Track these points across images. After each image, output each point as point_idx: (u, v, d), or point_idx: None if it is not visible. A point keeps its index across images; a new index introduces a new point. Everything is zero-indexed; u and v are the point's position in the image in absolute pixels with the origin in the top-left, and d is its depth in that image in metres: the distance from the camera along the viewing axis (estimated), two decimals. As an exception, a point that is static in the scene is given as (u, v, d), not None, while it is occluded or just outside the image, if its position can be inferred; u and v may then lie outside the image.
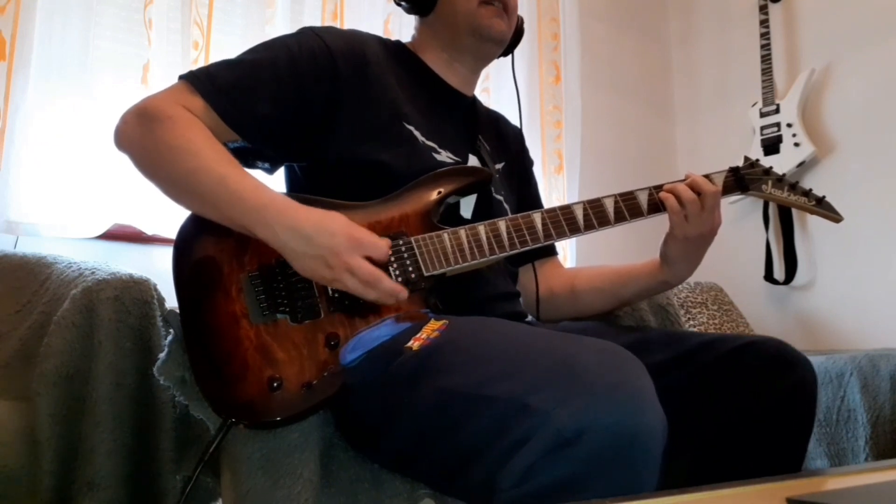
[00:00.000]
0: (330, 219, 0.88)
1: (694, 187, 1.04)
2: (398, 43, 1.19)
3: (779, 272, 2.79)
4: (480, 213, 1.09)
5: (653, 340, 1.01)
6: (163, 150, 0.91)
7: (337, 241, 0.85)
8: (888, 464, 0.82)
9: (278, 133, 1.00)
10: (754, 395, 0.93)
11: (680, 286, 2.55)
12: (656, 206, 1.07)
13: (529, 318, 1.20)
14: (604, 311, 1.23)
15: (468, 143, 1.15)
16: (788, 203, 1.13)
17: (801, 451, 0.94)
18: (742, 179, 1.11)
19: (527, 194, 1.30)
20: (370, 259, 0.86)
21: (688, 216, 1.04)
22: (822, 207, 1.13)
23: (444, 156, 1.08)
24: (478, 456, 0.71)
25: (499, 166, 1.21)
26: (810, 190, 1.14)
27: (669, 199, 1.04)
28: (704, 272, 2.84)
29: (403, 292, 0.88)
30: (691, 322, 2.44)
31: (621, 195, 1.06)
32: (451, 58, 1.16)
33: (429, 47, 1.17)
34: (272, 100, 0.98)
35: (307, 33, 1.04)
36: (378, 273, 0.86)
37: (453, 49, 1.15)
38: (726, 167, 1.12)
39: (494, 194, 1.13)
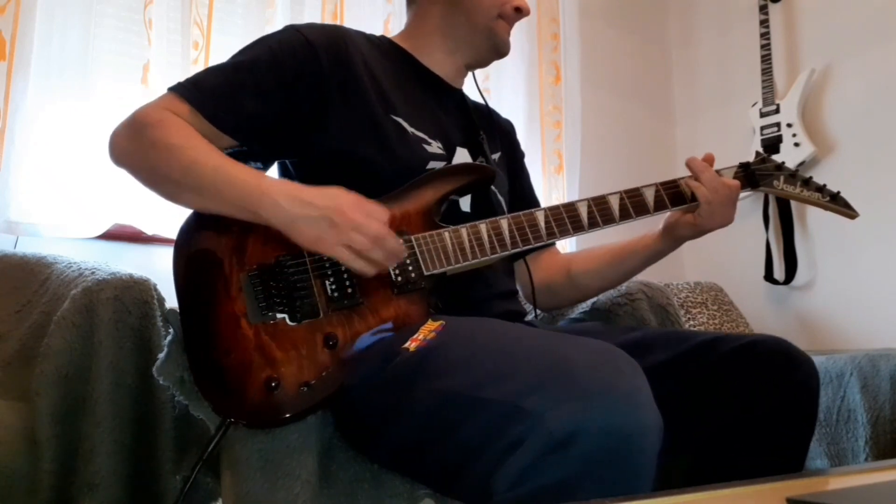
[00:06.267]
0: (332, 188, 0.90)
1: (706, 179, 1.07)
2: (383, 37, 1.19)
3: (779, 272, 2.79)
4: (479, 207, 1.09)
5: (653, 340, 1.01)
6: (158, 151, 0.92)
7: (341, 201, 0.87)
8: (888, 464, 0.82)
9: (265, 130, 1.01)
10: (757, 394, 0.92)
11: (680, 286, 2.56)
12: (663, 203, 1.06)
13: (530, 316, 1.20)
14: (603, 291, 1.25)
15: (462, 132, 1.15)
16: (802, 199, 1.10)
17: (803, 450, 0.93)
18: (753, 175, 1.10)
19: (520, 186, 1.29)
20: None
21: (713, 208, 1.06)
22: (838, 203, 1.09)
23: (435, 146, 1.08)
24: (473, 458, 0.71)
25: (495, 156, 1.21)
26: (824, 185, 1.10)
27: (700, 189, 1.05)
28: (704, 272, 2.87)
29: (404, 251, 0.91)
30: (691, 322, 2.44)
31: (627, 192, 1.05)
32: (453, 47, 1.15)
33: (429, 32, 1.15)
34: (255, 98, 0.98)
35: (289, 31, 1.06)
36: (385, 229, 0.87)
37: (461, 40, 1.14)
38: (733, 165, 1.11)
39: (493, 188, 1.13)
